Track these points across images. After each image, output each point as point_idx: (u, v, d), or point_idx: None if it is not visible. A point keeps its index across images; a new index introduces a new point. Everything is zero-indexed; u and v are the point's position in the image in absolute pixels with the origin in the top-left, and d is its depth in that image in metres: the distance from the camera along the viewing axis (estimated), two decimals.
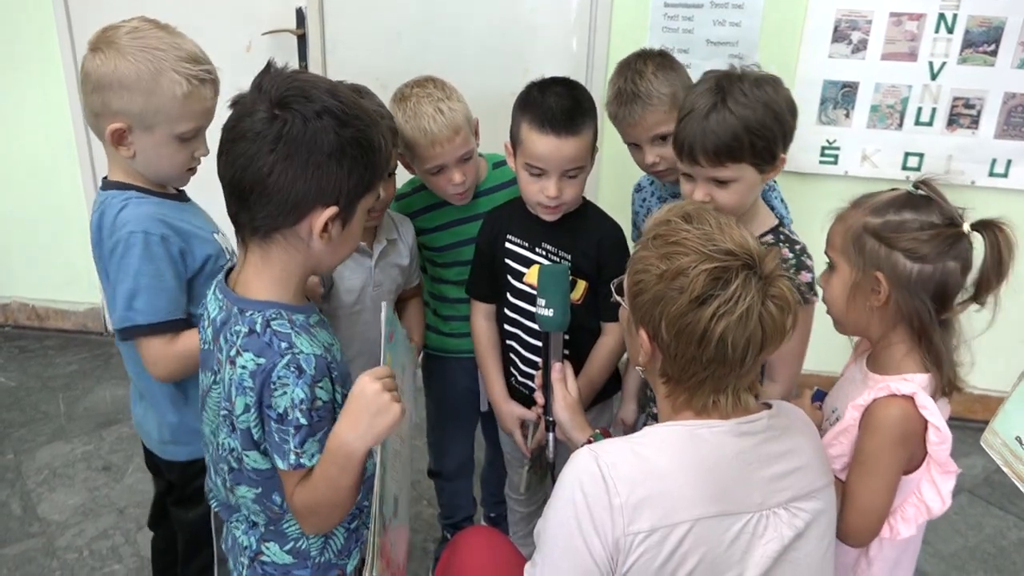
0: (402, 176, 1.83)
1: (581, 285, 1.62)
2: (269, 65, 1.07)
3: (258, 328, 1.07)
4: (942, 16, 2.43)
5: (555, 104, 1.51)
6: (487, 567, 1.34)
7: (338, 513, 1.12)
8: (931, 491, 1.19)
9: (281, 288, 1.11)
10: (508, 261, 1.67)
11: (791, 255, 1.42)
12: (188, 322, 1.39)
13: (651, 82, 1.62)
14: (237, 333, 1.08)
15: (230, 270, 1.18)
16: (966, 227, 1.15)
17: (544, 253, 1.64)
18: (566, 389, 1.37)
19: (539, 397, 1.42)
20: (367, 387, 1.05)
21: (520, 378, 1.73)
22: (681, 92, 1.62)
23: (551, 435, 1.45)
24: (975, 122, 2.53)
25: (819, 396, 1.38)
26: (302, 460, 1.07)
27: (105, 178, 1.45)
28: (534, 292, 1.64)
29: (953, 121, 2.54)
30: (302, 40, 2.79)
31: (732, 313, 0.99)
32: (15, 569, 2.14)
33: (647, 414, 1.70)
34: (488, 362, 1.74)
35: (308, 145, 1.02)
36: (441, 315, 1.90)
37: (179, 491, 1.56)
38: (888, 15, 2.45)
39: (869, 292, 1.18)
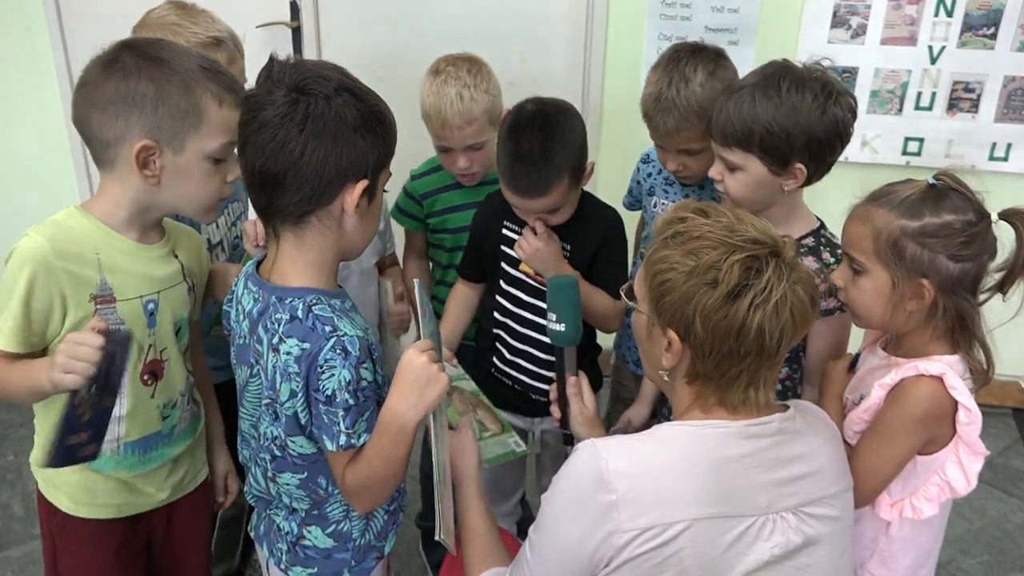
0: (420, 156, 1.85)
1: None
2: (273, 58, 1.09)
3: (300, 314, 1.09)
4: (941, 0, 2.42)
5: (524, 161, 1.45)
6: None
7: (391, 487, 1.15)
8: (956, 471, 1.19)
9: (317, 273, 1.14)
10: (504, 247, 1.66)
11: (832, 259, 1.38)
12: None
13: (695, 95, 1.52)
14: (278, 321, 1.10)
15: (259, 263, 1.20)
16: (994, 216, 1.14)
17: None
18: (583, 403, 1.35)
19: (555, 411, 1.40)
20: (415, 359, 1.09)
21: (501, 365, 1.72)
22: None
23: (570, 449, 1.44)
24: (975, 106, 2.52)
25: (856, 361, 1.35)
26: (352, 440, 1.09)
27: None
28: (529, 280, 1.63)
29: (953, 105, 2.53)
30: (296, 33, 2.76)
31: (768, 302, 0.98)
32: (19, 571, 2.13)
33: (661, 417, 1.67)
34: (448, 314, 1.75)
35: (334, 121, 1.05)
36: (441, 300, 1.90)
37: None
38: None
39: (911, 297, 1.15)
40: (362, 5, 2.72)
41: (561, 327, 1.33)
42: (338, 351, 1.06)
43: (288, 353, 1.08)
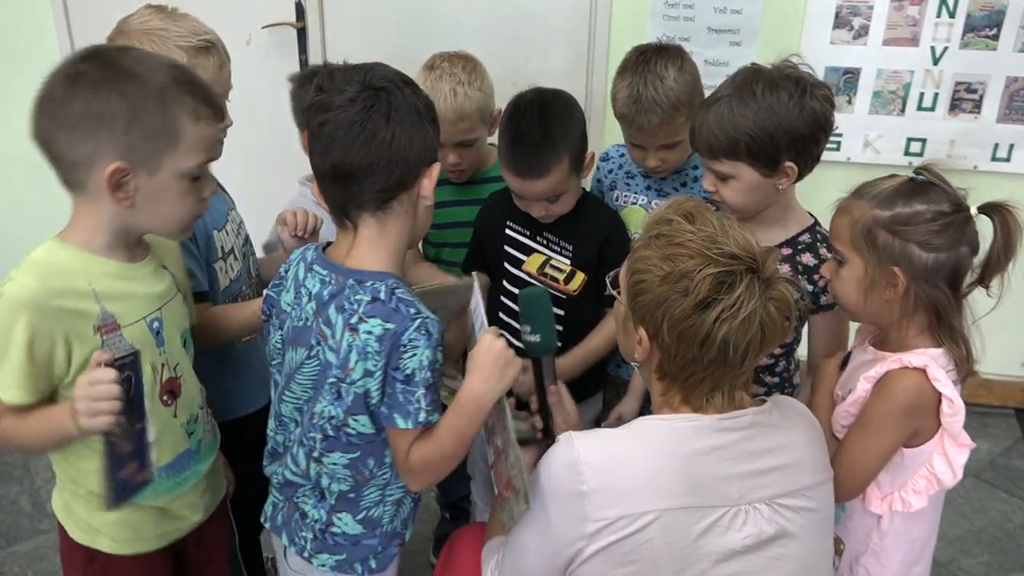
0: None
1: (580, 277, 1.62)
2: (328, 66, 1.18)
3: (382, 296, 1.14)
4: (943, 0, 2.42)
5: (522, 143, 1.48)
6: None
7: (454, 465, 1.20)
8: (943, 463, 1.20)
9: (395, 259, 1.20)
10: (508, 248, 1.68)
11: (830, 255, 1.38)
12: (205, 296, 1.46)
13: (672, 89, 1.56)
14: (358, 302, 1.14)
15: (323, 248, 1.24)
16: (973, 211, 1.16)
17: (545, 242, 1.65)
18: (565, 411, 1.37)
19: (537, 422, 1.42)
20: (494, 343, 1.16)
21: None
22: (696, 98, 1.59)
23: None
24: (977, 107, 2.52)
25: (848, 359, 1.37)
26: (429, 418, 1.14)
27: None
28: (532, 281, 1.65)
29: (955, 106, 2.53)
30: (301, 33, 2.78)
31: (735, 317, 1.00)
32: (27, 566, 2.16)
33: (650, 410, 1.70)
34: None
35: (411, 109, 1.14)
36: None
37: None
38: (889, 0, 2.44)
39: (885, 286, 1.17)
40: (367, 6, 2.74)
41: (536, 338, 1.34)
42: (422, 332, 1.11)
43: (369, 332, 1.12)
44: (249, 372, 1.60)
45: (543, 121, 1.50)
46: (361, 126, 1.11)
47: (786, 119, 1.32)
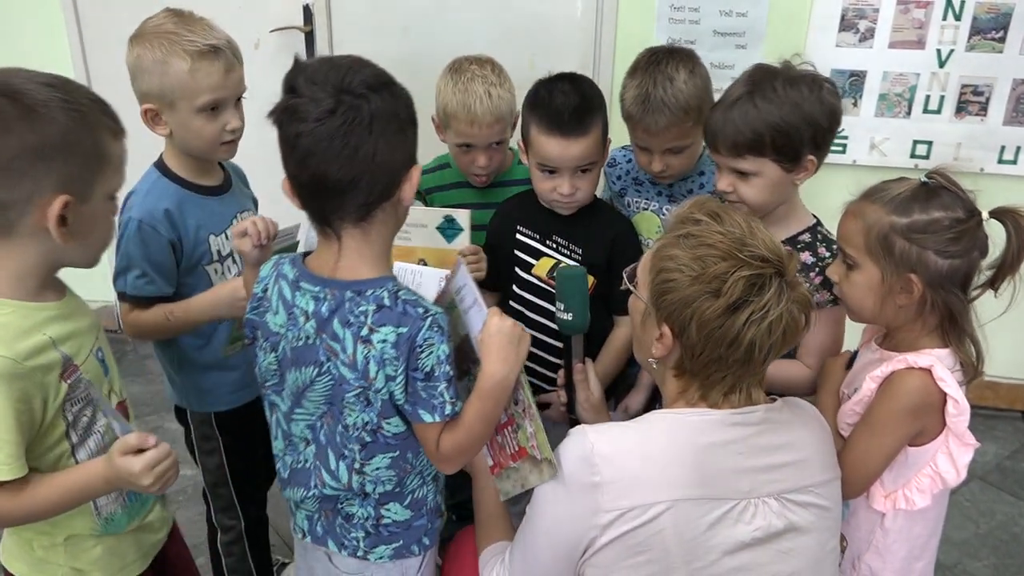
0: (432, 151, 1.86)
1: (589, 280, 1.62)
2: (297, 62, 1.13)
3: (387, 302, 1.13)
4: (950, 3, 2.42)
5: (562, 104, 1.51)
6: None
7: (482, 445, 1.23)
8: (947, 462, 1.21)
9: (384, 263, 1.18)
10: (518, 252, 1.69)
11: (828, 254, 1.42)
12: (168, 299, 1.51)
13: (681, 92, 1.57)
14: (364, 313, 1.13)
15: (302, 261, 1.21)
16: (985, 215, 1.16)
17: (555, 246, 1.65)
18: (589, 389, 1.39)
19: (562, 396, 1.44)
20: (503, 324, 1.15)
21: None
22: (706, 103, 1.58)
23: None
24: (984, 109, 2.52)
25: (854, 358, 1.38)
26: (456, 408, 1.15)
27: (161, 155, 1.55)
28: (542, 285, 1.65)
29: (961, 108, 2.53)
30: (309, 37, 2.80)
31: (764, 320, 1.02)
32: None
33: (658, 404, 1.71)
34: None
35: (392, 116, 1.10)
36: None
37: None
38: (895, 3, 2.44)
39: (900, 292, 1.18)
40: (374, 10, 2.75)
41: (569, 316, 1.35)
42: (435, 329, 1.12)
43: (384, 340, 1.11)
44: (245, 365, 1.62)
45: (576, 90, 1.54)
46: (343, 141, 1.05)
47: (808, 112, 1.34)
